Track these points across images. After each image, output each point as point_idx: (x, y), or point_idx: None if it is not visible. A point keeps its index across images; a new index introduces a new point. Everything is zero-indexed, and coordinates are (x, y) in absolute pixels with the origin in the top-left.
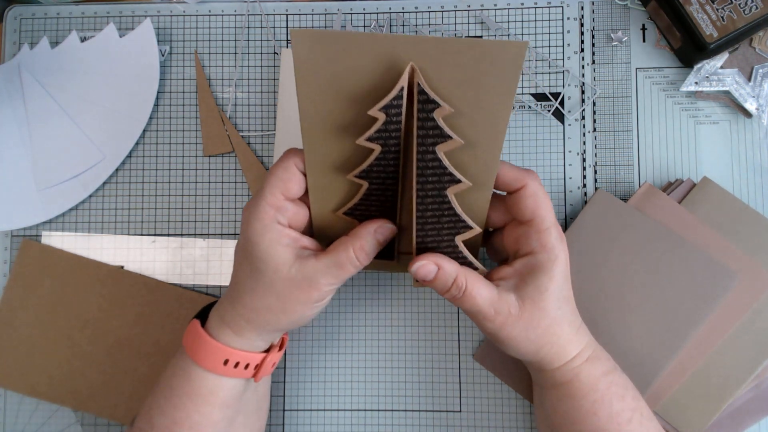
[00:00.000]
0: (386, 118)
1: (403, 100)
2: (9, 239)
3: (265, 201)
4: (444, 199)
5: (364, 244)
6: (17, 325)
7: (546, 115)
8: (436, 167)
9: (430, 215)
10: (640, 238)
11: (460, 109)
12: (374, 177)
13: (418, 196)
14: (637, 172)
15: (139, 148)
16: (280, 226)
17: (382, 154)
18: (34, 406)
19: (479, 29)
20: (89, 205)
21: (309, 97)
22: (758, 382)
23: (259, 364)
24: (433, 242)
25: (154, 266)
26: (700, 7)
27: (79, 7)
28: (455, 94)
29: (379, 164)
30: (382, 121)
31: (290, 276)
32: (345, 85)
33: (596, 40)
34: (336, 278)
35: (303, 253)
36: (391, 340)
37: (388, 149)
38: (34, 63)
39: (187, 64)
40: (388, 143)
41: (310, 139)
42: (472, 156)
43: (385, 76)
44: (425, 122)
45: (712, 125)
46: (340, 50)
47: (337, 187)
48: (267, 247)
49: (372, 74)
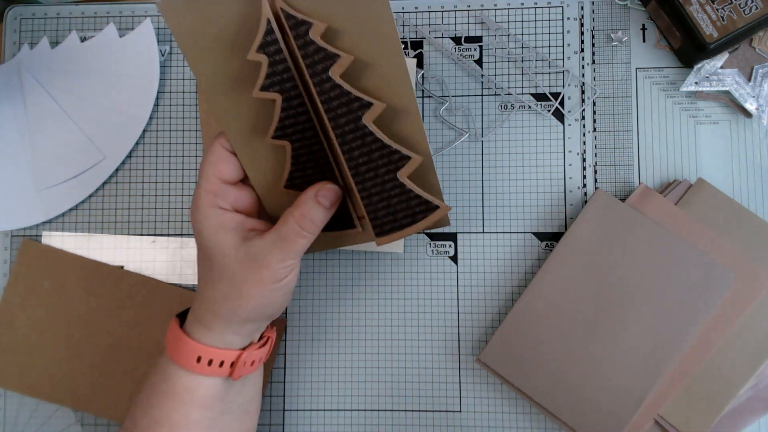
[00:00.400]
0: (268, 59)
1: (278, 35)
2: (9, 239)
3: (201, 188)
4: (365, 131)
5: (305, 210)
6: (17, 326)
7: (546, 115)
8: (339, 95)
9: (358, 154)
10: (638, 239)
11: (337, 26)
12: (291, 134)
13: (337, 135)
14: (637, 172)
15: (139, 148)
16: (220, 210)
17: (285, 103)
18: (34, 406)
19: (479, 29)
20: (89, 205)
21: (195, 60)
22: (757, 381)
23: (235, 361)
24: (375, 186)
25: (154, 266)
26: (700, 7)
27: (79, 7)
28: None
29: (289, 116)
30: (266, 64)
31: (238, 259)
32: (221, 36)
33: (596, 40)
34: (285, 254)
35: (249, 234)
36: (391, 340)
37: (290, 95)
38: (34, 63)
39: (187, 64)
40: (285, 88)
41: (214, 103)
42: (377, 77)
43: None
44: (306, 48)
45: (712, 125)
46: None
47: (265, 155)
48: (210, 234)
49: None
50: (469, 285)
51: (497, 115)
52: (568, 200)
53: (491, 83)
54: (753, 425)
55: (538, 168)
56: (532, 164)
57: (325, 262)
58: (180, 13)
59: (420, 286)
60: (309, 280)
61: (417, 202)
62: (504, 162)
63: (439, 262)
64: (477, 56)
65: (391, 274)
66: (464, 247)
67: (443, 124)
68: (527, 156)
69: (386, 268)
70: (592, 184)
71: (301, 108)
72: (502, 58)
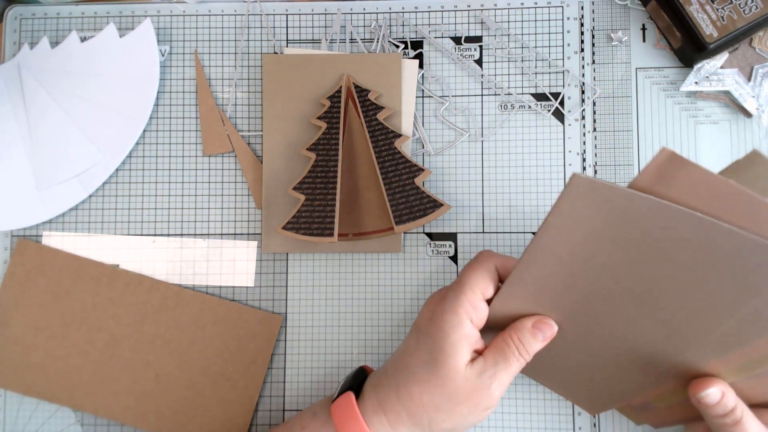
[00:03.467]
0: (330, 104)
1: (342, 94)
2: (9, 239)
3: (465, 297)
4: (395, 151)
5: (522, 337)
6: (13, 325)
7: (546, 115)
8: (380, 127)
9: (388, 165)
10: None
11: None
12: (321, 150)
13: (375, 153)
14: (637, 172)
15: (139, 148)
16: (471, 324)
17: (327, 130)
18: (34, 406)
19: (479, 29)
20: (89, 205)
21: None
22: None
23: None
24: (398, 188)
25: (154, 266)
26: (700, 7)
27: (79, 7)
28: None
29: (325, 138)
30: (327, 106)
31: (465, 376)
32: (306, 91)
33: (596, 40)
34: (506, 377)
35: (474, 355)
36: (392, 341)
37: (332, 127)
38: (34, 63)
39: (187, 64)
40: (331, 122)
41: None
42: (398, 118)
43: (331, 81)
44: (365, 105)
45: (712, 125)
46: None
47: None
48: (455, 342)
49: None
50: None
51: (497, 115)
52: None
53: (491, 83)
54: None
55: (538, 168)
56: (532, 164)
57: (325, 262)
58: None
59: (420, 286)
60: (309, 280)
61: (428, 201)
62: (504, 162)
63: (439, 262)
64: (477, 56)
65: (391, 274)
66: (464, 247)
67: (443, 124)
68: (527, 156)
69: (386, 268)
70: None
71: (336, 137)
72: (502, 58)
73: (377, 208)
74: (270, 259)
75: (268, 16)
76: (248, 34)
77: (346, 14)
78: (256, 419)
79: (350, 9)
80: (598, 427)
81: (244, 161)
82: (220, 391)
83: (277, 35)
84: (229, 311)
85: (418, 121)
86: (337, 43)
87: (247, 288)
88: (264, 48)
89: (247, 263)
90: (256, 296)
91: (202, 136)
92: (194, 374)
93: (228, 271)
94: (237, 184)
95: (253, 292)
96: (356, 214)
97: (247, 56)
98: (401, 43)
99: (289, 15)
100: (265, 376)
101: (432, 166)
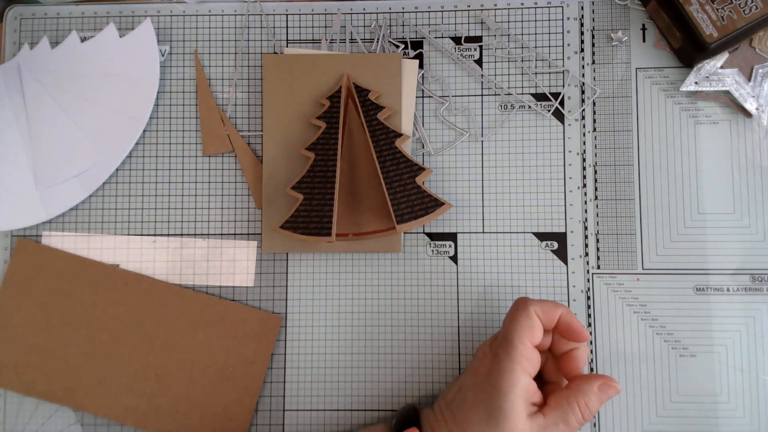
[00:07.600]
0: (330, 104)
1: (342, 94)
2: (9, 239)
3: (518, 352)
4: (395, 150)
5: (588, 401)
6: (13, 325)
7: (546, 115)
8: (380, 127)
9: (389, 164)
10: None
11: (380, 90)
12: (320, 149)
13: (376, 152)
14: (637, 172)
15: (139, 148)
16: (528, 379)
17: (326, 129)
18: (34, 406)
19: (479, 29)
20: (89, 205)
21: (275, 100)
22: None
23: None
24: (399, 187)
25: (154, 266)
26: (700, 7)
27: (79, 7)
28: (371, 84)
29: (324, 138)
30: (327, 106)
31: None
32: (306, 91)
33: (596, 40)
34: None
35: (532, 408)
36: (391, 340)
37: (332, 127)
38: (34, 63)
39: (187, 64)
40: (331, 122)
41: (276, 130)
42: (398, 118)
43: (331, 81)
44: (365, 104)
45: (712, 125)
46: (303, 69)
47: (292, 161)
48: (514, 401)
49: (324, 80)
50: (469, 285)
51: (497, 115)
52: (568, 200)
53: (491, 83)
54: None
55: (538, 168)
56: (532, 164)
57: (325, 262)
58: (278, 70)
59: (420, 286)
60: (309, 280)
61: (429, 199)
62: (504, 162)
63: (439, 262)
64: (477, 56)
65: (391, 274)
66: (464, 247)
67: (443, 124)
68: (527, 156)
69: (386, 268)
70: (592, 184)
71: (335, 136)
72: (502, 58)
73: (377, 208)
74: (270, 259)
75: (268, 16)
76: (248, 34)
77: (346, 14)
78: (256, 419)
79: (350, 9)
80: (598, 427)
81: (244, 161)
82: (220, 391)
83: (277, 35)
84: (229, 311)
85: (418, 121)
86: (337, 43)
87: (247, 288)
88: (264, 48)
89: (247, 263)
90: (256, 296)
91: (202, 136)
92: (194, 374)
93: (228, 271)
94: (237, 184)
95: (253, 292)
96: (356, 214)
97: (247, 56)
98: (401, 43)
99: (289, 15)
100: (265, 376)
101: (432, 166)
